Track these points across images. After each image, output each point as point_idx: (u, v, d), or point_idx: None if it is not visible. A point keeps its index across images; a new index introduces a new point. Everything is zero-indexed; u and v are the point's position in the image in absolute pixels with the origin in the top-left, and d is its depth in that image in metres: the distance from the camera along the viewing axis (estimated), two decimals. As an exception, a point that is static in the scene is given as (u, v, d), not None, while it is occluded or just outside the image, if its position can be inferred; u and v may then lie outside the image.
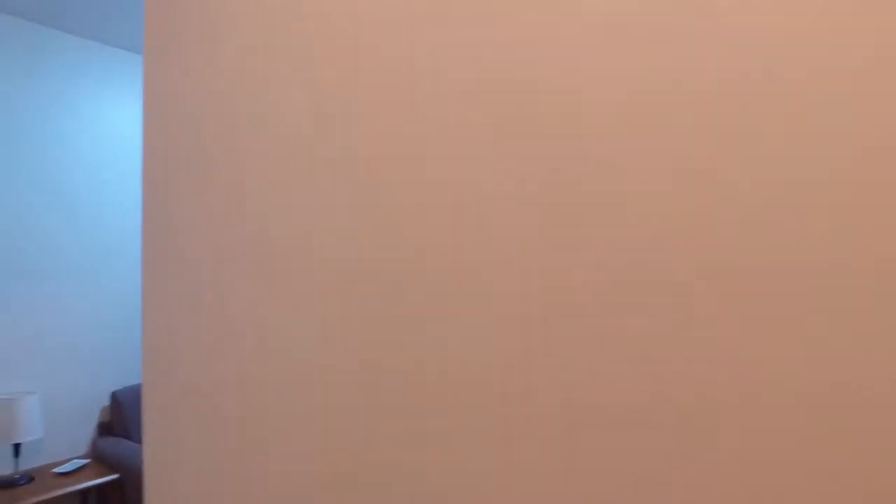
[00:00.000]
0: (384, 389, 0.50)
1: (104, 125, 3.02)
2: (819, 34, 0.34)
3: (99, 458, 2.76)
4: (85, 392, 2.90)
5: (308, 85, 0.59)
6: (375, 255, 0.51)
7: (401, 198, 0.50)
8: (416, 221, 0.49)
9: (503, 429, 0.44)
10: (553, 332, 0.42)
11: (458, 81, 0.47)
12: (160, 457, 0.84)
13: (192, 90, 0.76)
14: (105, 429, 2.97)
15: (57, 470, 2.54)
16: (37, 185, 2.74)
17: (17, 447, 2.47)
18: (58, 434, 2.78)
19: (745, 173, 0.36)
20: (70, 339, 2.84)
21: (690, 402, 0.37)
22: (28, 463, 2.66)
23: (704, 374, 0.37)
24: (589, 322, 0.41)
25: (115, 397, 2.88)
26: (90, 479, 2.48)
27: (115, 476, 2.54)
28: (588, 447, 0.40)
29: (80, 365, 2.88)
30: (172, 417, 0.82)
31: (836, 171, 0.34)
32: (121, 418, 2.86)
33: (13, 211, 2.66)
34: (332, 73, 0.57)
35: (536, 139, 0.43)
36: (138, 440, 2.85)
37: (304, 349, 0.58)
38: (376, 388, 0.51)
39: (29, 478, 2.47)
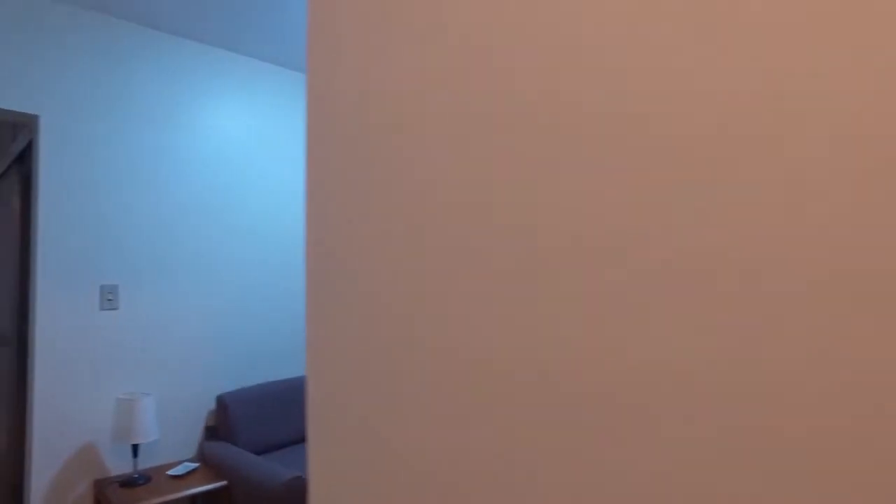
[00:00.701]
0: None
1: (213, 125, 3.11)
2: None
3: (206, 462, 2.82)
4: (194, 394, 2.97)
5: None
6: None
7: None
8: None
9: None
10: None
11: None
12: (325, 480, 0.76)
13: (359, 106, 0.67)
14: (211, 432, 3.04)
15: (170, 472, 2.61)
16: (154, 184, 2.85)
17: (135, 448, 2.55)
18: (169, 436, 2.87)
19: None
20: (181, 339, 2.93)
21: None
22: (144, 462, 2.76)
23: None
24: None
25: (222, 401, 2.94)
26: (201, 485, 2.52)
27: (223, 483, 2.58)
28: None
29: (190, 367, 2.96)
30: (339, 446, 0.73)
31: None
32: (226, 422, 2.91)
33: (130, 208, 2.78)
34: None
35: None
36: (244, 445, 2.89)
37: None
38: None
39: (146, 478, 2.55)
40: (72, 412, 2.53)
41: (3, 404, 3.18)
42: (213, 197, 3.08)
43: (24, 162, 3.18)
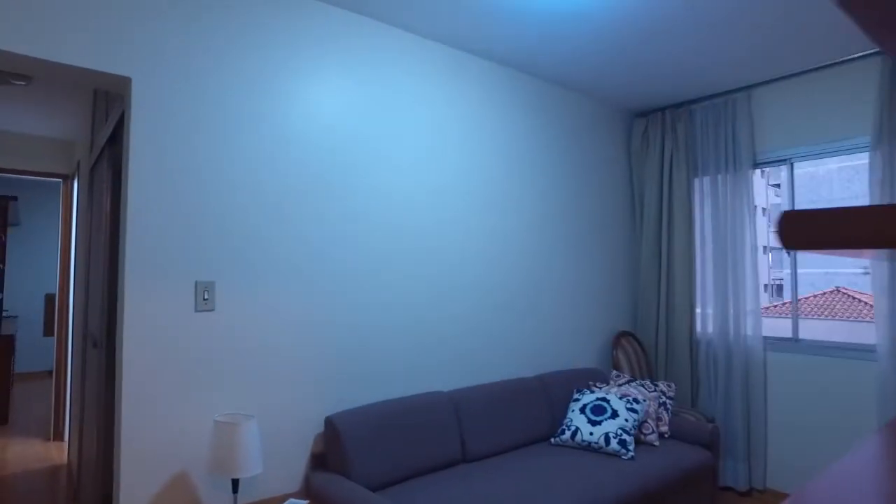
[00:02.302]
0: None
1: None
2: None
3: (315, 499, 2.31)
4: (300, 415, 2.48)
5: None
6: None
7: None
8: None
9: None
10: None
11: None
12: None
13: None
14: (318, 461, 2.53)
15: (276, 513, 2.11)
16: (259, 163, 2.40)
17: (235, 482, 2.07)
18: (272, 463, 2.38)
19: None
20: (286, 348, 2.44)
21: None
22: (244, 497, 2.28)
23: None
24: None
25: (332, 424, 2.43)
26: (314, 532, 2.00)
27: (340, 530, 2.05)
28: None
29: (296, 382, 2.47)
30: None
31: None
32: (337, 450, 2.39)
33: (231, 190, 2.32)
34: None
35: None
36: (359, 478, 2.36)
37: None
38: None
39: (247, 521, 2.06)
40: (163, 433, 2.08)
41: (94, 408, 2.84)
42: (331, 179, 2.60)
43: (115, 143, 2.83)
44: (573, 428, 3.01)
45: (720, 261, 3.76)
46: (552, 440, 3.07)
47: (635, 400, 3.10)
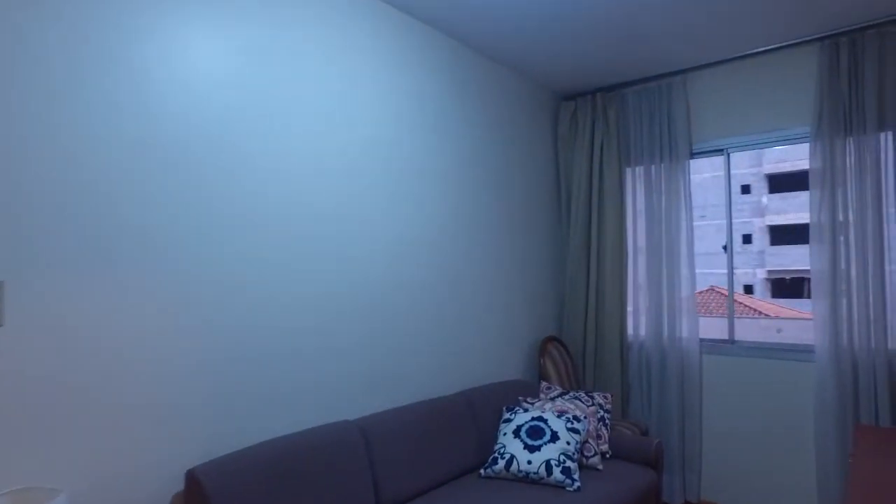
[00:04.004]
0: None
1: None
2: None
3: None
4: (146, 472, 1.75)
5: None
6: None
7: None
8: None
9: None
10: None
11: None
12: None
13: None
14: (176, 532, 1.81)
15: None
16: (81, 120, 1.64)
17: None
18: (101, 547, 1.64)
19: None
20: (122, 379, 1.71)
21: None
22: None
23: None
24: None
25: (195, 480, 1.73)
26: None
27: None
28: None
29: (137, 425, 1.74)
30: None
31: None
32: (203, 517, 1.70)
33: (33, 153, 1.56)
34: None
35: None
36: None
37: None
38: None
39: None
40: None
41: None
42: (196, 145, 1.87)
43: None
44: (507, 456, 2.52)
45: (654, 258, 3.47)
46: (482, 472, 2.56)
47: (575, 418, 2.68)
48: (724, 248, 3.57)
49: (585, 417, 2.72)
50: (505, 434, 2.64)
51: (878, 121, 2.81)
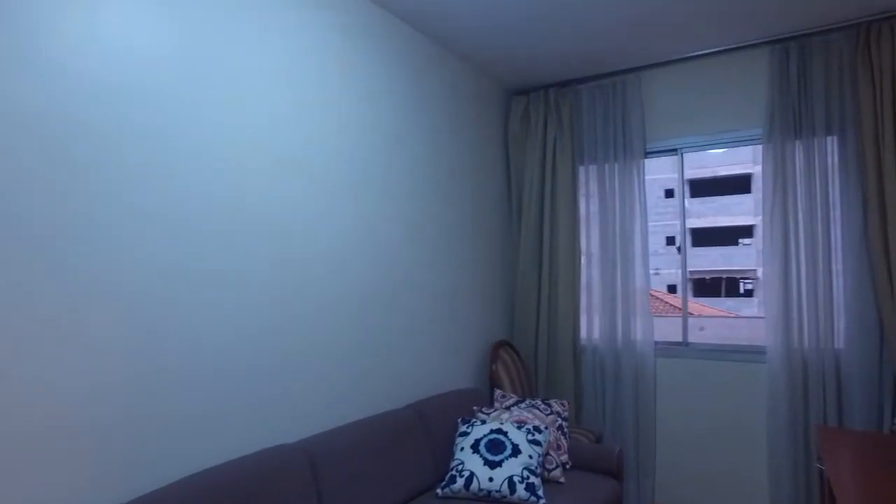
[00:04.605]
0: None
1: None
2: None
3: None
4: (39, 523, 1.41)
5: None
6: None
7: None
8: None
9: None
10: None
11: None
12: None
13: None
14: None
15: None
16: None
17: None
18: None
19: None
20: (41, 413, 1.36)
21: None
22: None
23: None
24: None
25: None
26: None
27: None
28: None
29: (24, 464, 1.40)
30: None
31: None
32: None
33: None
34: None
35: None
36: None
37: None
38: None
39: None
40: None
41: None
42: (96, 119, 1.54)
43: None
44: (466, 473, 2.33)
45: (608, 258, 3.40)
46: (439, 491, 2.35)
47: (536, 429, 2.53)
48: (678, 248, 3.55)
49: (546, 428, 2.58)
50: (462, 449, 2.45)
51: (825, 126, 2.85)
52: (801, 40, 2.91)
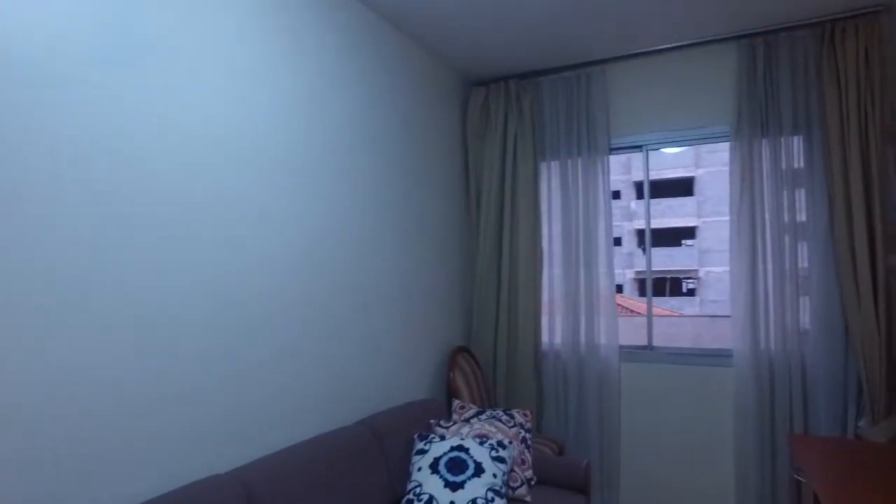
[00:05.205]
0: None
1: None
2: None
3: None
4: None
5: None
6: None
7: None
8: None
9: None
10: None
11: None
12: None
13: None
14: None
15: None
16: None
17: None
18: None
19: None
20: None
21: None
22: None
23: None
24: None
25: None
26: None
27: None
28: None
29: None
30: None
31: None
32: None
33: None
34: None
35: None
36: None
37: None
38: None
39: None
40: None
41: None
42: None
43: None
44: (425, 497, 2.10)
45: (571, 259, 3.24)
46: (395, 518, 2.11)
47: (500, 444, 2.33)
48: (643, 248, 3.44)
49: (510, 442, 2.38)
50: (420, 469, 2.22)
51: (792, 124, 2.79)
52: (768, 37, 2.84)
